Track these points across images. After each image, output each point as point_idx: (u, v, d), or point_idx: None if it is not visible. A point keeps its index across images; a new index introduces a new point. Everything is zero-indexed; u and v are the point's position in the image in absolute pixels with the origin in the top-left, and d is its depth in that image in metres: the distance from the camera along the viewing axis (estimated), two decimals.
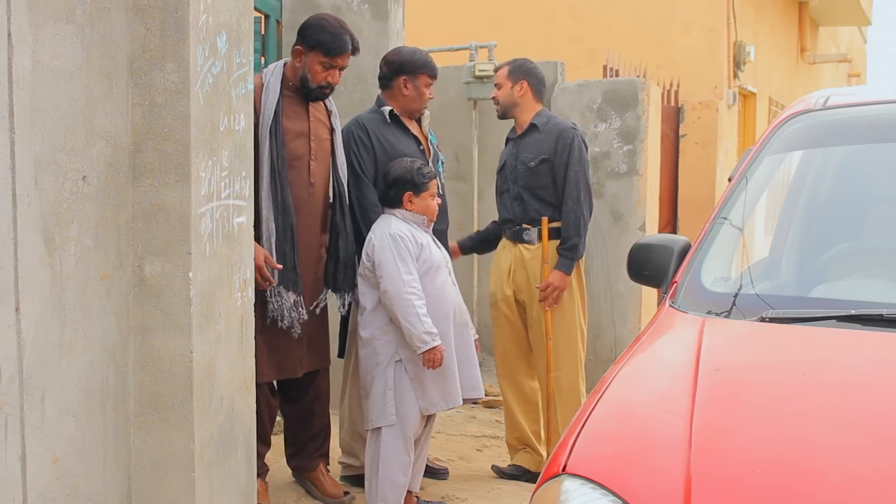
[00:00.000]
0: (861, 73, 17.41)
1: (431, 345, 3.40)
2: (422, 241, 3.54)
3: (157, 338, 2.43)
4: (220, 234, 2.59)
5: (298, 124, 3.51)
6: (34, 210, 2.05)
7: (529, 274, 4.25)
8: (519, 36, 9.10)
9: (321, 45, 3.47)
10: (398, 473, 3.53)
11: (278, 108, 3.41)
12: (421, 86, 3.95)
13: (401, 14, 5.20)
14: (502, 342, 4.38)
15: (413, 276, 3.44)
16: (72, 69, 2.17)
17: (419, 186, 3.57)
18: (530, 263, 4.25)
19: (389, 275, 3.43)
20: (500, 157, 4.45)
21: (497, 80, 4.37)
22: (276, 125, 3.39)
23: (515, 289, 4.29)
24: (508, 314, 4.33)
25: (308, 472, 3.84)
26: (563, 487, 1.79)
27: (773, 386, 2.01)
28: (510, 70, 4.33)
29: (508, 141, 4.43)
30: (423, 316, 3.40)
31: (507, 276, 4.30)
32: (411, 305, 3.40)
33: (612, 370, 2.20)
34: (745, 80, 9.81)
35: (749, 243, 2.86)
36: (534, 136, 4.28)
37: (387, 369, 3.51)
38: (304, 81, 3.50)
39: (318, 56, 3.47)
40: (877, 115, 2.87)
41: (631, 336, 5.65)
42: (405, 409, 3.51)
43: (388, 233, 3.50)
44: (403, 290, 3.41)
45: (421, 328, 3.39)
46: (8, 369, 1.98)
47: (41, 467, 2.10)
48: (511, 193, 4.29)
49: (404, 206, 3.58)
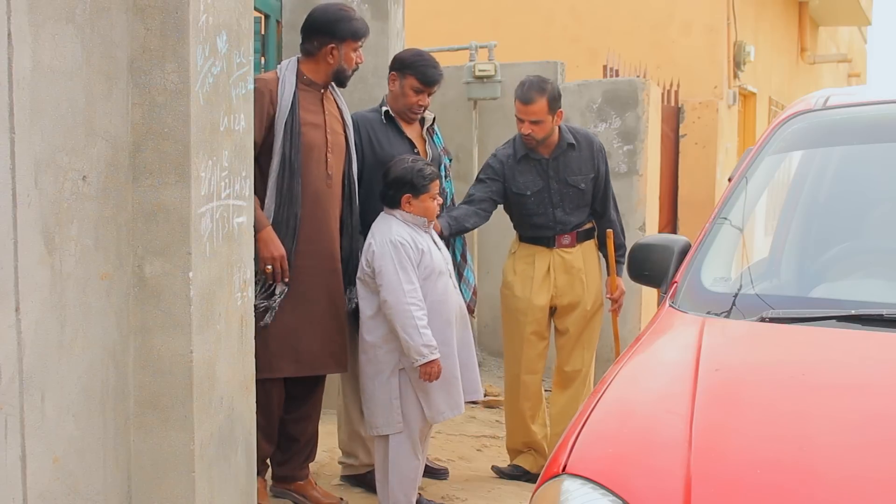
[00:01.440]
0: (861, 73, 17.41)
1: (429, 358, 3.35)
2: (422, 247, 3.48)
3: (157, 338, 2.43)
4: (220, 234, 2.59)
5: (314, 116, 3.51)
6: (34, 210, 2.05)
7: (573, 277, 4.18)
8: (519, 36, 9.10)
9: (351, 33, 3.52)
10: (409, 477, 3.52)
11: (294, 101, 3.42)
12: (407, 87, 3.87)
13: (401, 14, 5.20)
14: (523, 350, 4.22)
15: (414, 285, 3.39)
16: (72, 69, 2.17)
17: (419, 189, 3.50)
18: (572, 266, 4.19)
19: (389, 283, 3.38)
20: (521, 183, 4.16)
21: (534, 116, 4.02)
22: (293, 116, 3.40)
23: (555, 293, 4.19)
24: (542, 320, 4.21)
25: (296, 483, 3.69)
26: (563, 487, 1.79)
27: (773, 386, 2.01)
28: (549, 102, 4.03)
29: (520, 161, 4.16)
30: (423, 328, 3.35)
31: (542, 282, 4.18)
32: (410, 317, 3.34)
33: (612, 370, 2.20)
34: (745, 80, 9.81)
35: (749, 243, 2.86)
36: (570, 156, 4.16)
37: (391, 378, 3.47)
38: (341, 72, 3.55)
39: (351, 44, 3.53)
40: (877, 115, 2.87)
41: (631, 336, 5.65)
42: (411, 416, 3.49)
43: (388, 239, 3.43)
44: (404, 301, 3.35)
45: (419, 341, 3.33)
46: (8, 369, 1.98)
47: (41, 467, 2.10)
48: (549, 215, 4.16)
49: (403, 208, 3.53)
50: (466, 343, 3.65)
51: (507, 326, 4.31)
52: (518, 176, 4.17)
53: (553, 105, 4.06)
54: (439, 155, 4.05)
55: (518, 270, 4.24)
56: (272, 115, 3.38)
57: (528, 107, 4.03)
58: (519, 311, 4.23)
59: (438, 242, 3.66)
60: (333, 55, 3.52)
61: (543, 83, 4.08)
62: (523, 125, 4.07)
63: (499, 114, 6.14)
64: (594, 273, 4.25)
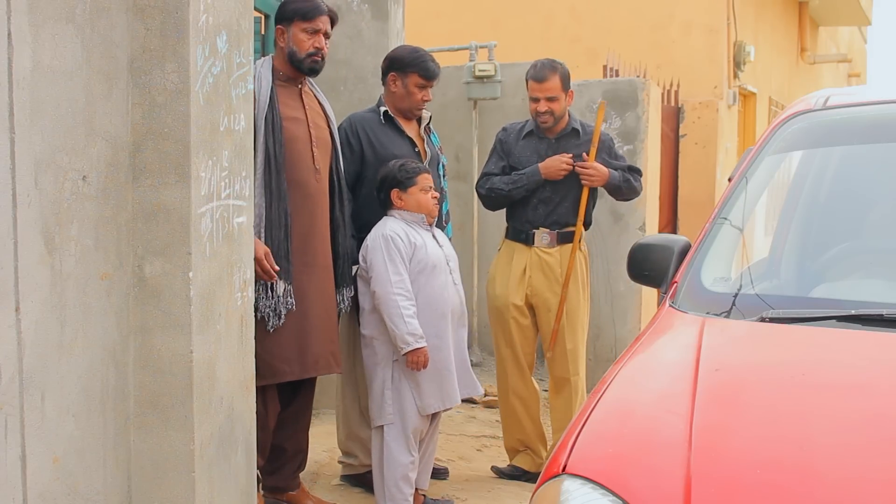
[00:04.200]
0: (861, 73, 17.41)
1: (414, 346, 3.40)
2: (416, 241, 3.52)
3: (157, 338, 2.43)
4: (220, 234, 2.59)
5: (294, 111, 3.46)
6: (34, 210, 2.05)
7: (548, 278, 4.19)
8: (519, 36, 9.11)
9: (297, 13, 3.44)
10: (403, 472, 3.53)
11: (272, 95, 3.36)
12: (411, 84, 3.86)
13: (401, 14, 5.21)
14: (513, 347, 4.25)
15: (401, 276, 3.45)
16: (72, 69, 2.17)
17: (403, 182, 3.57)
18: (550, 267, 4.20)
19: (378, 275, 3.46)
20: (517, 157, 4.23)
21: (550, 92, 4.10)
22: (272, 111, 3.35)
23: (530, 292, 4.22)
24: (521, 319, 4.24)
25: (289, 493, 3.61)
26: (563, 487, 1.79)
27: (773, 386, 2.01)
28: (561, 80, 4.13)
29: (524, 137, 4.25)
30: (409, 317, 3.41)
31: (519, 280, 4.21)
32: (396, 306, 3.41)
33: (612, 370, 2.20)
34: (745, 80, 9.81)
35: (749, 243, 2.86)
36: (572, 141, 4.20)
37: (385, 369, 3.52)
38: (293, 56, 3.43)
39: (298, 24, 3.43)
40: (877, 115, 2.87)
41: (631, 336, 5.65)
42: (404, 409, 3.52)
43: (380, 233, 3.52)
44: (390, 291, 3.43)
45: (404, 329, 3.39)
46: (8, 369, 1.98)
47: (41, 467, 2.10)
48: (540, 196, 4.19)
49: (396, 206, 3.59)
50: (459, 341, 3.66)
51: (492, 324, 4.35)
52: (518, 150, 4.26)
53: (566, 83, 4.16)
54: (437, 154, 4.06)
55: (501, 268, 4.29)
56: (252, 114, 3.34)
57: (543, 84, 4.12)
58: (500, 309, 4.27)
59: (440, 240, 3.68)
60: (284, 39, 3.46)
61: (554, 62, 4.19)
62: (539, 104, 4.14)
63: (499, 114, 6.14)
64: (572, 278, 4.20)
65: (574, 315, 4.22)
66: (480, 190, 4.33)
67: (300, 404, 3.60)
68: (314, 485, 3.97)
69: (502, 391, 4.36)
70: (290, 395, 3.54)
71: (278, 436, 3.51)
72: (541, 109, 4.14)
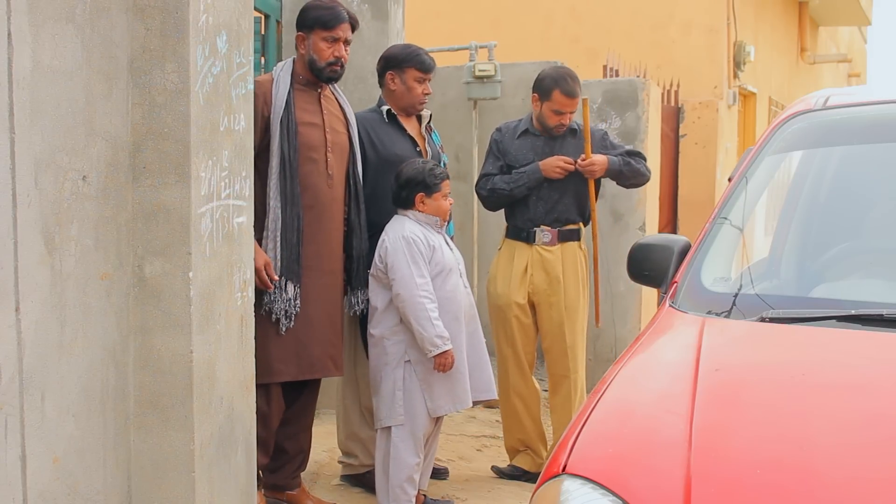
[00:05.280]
0: (861, 73, 17.42)
1: (443, 349, 3.41)
2: (434, 244, 3.53)
3: (157, 338, 2.43)
4: (220, 234, 2.59)
5: (311, 116, 3.47)
6: (34, 210, 2.05)
7: (550, 276, 4.19)
8: (519, 36, 9.11)
9: (318, 21, 3.45)
10: (409, 473, 3.52)
11: (290, 100, 3.38)
12: (409, 80, 3.85)
13: (401, 14, 5.21)
14: (514, 346, 4.26)
15: (425, 279, 3.45)
16: (72, 69, 2.17)
17: (431, 187, 3.57)
18: (551, 265, 4.20)
19: (402, 278, 3.44)
20: (514, 156, 4.25)
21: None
22: (288, 116, 3.37)
23: (531, 291, 4.22)
24: (523, 318, 4.24)
25: (289, 493, 3.62)
26: (563, 487, 1.79)
27: (774, 386, 2.01)
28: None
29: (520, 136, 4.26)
30: (435, 319, 3.41)
31: (521, 279, 4.22)
32: (423, 309, 3.40)
33: (612, 370, 2.20)
34: (745, 80, 9.82)
35: (749, 243, 2.86)
36: (569, 141, 4.22)
37: (396, 370, 3.51)
38: (313, 64, 3.47)
39: (319, 33, 3.45)
40: (877, 115, 2.86)
41: (631, 336, 5.65)
42: (414, 410, 3.51)
43: (401, 235, 3.50)
44: (416, 294, 3.41)
45: (433, 332, 3.40)
46: (8, 369, 1.98)
47: (41, 467, 2.10)
48: (539, 194, 4.20)
49: (416, 208, 3.58)
50: (477, 341, 3.68)
51: (493, 323, 4.34)
52: (514, 149, 4.26)
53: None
54: (438, 152, 4.06)
55: (502, 267, 4.29)
56: (267, 117, 3.34)
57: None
58: (501, 308, 4.26)
59: (450, 243, 3.71)
60: (304, 45, 3.49)
61: (574, 74, 4.21)
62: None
63: (499, 114, 6.13)
64: (573, 276, 4.21)
65: (573, 312, 4.22)
66: (481, 191, 4.33)
67: (303, 404, 3.61)
68: (314, 485, 3.97)
69: (503, 391, 4.36)
70: (294, 394, 3.55)
71: (280, 434, 3.52)
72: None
